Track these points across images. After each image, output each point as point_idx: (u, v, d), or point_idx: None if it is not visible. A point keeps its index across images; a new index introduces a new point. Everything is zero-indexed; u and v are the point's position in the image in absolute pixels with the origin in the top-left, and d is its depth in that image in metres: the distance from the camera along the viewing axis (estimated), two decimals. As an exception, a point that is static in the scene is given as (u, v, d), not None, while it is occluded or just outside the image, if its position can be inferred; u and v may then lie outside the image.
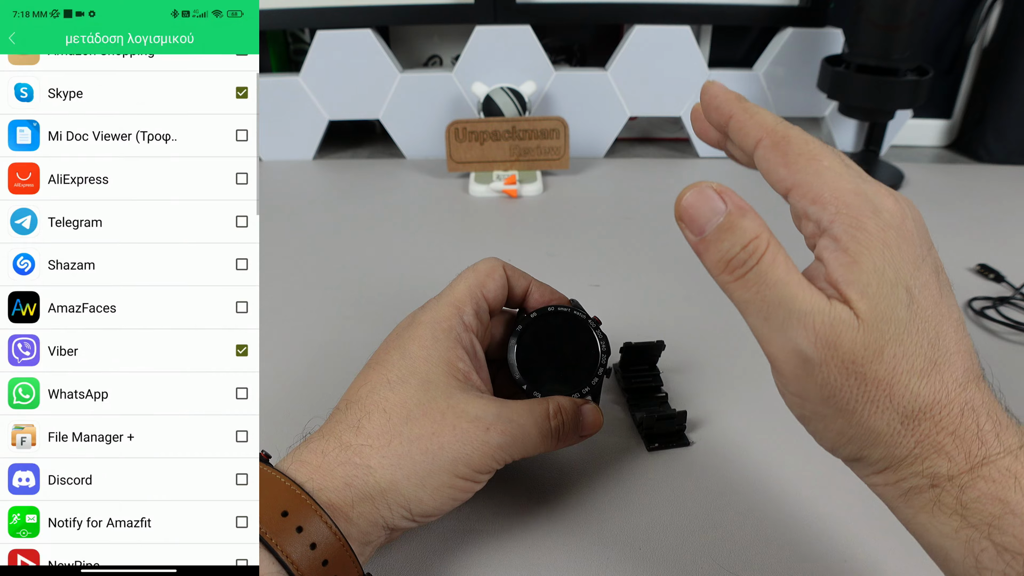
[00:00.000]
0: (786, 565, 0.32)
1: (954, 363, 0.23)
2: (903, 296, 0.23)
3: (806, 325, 0.23)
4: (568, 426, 0.33)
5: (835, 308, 0.23)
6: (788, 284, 0.23)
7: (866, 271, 0.23)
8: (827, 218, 0.23)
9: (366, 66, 0.77)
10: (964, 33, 0.78)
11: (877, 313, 0.22)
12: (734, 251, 0.24)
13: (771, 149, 0.25)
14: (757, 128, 0.26)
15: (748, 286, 0.24)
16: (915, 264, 0.23)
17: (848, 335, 0.22)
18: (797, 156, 0.24)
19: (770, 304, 0.24)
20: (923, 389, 0.23)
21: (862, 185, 0.24)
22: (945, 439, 0.23)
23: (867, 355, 0.22)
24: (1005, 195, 0.72)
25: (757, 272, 0.24)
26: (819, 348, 0.23)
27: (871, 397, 0.23)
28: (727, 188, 0.25)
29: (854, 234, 0.23)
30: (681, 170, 0.79)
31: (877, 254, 0.23)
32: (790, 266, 0.24)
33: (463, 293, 0.34)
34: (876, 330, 0.22)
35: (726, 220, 0.24)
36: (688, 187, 0.25)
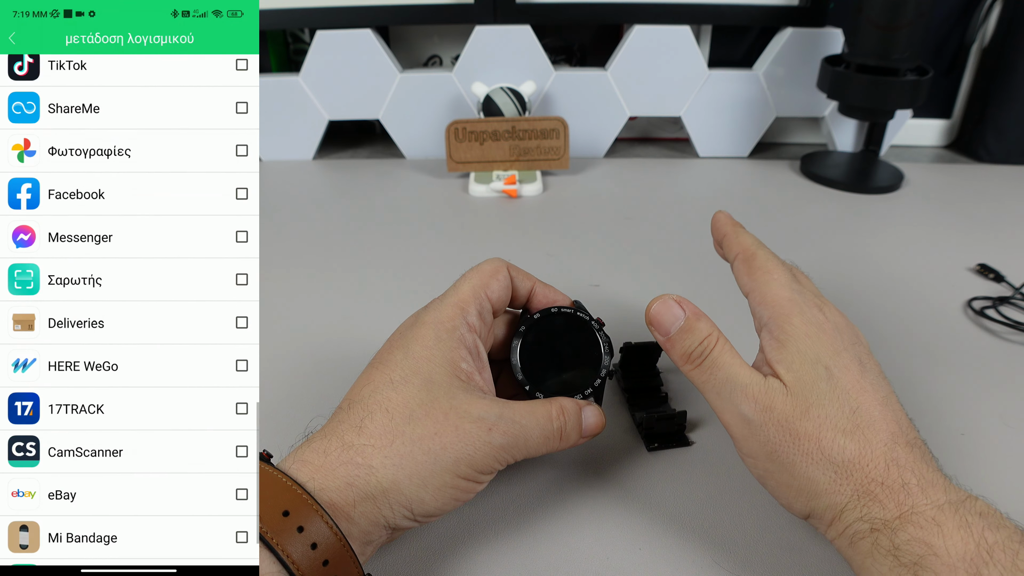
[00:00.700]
0: (786, 565, 0.32)
1: (878, 429, 0.28)
2: (822, 372, 0.29)
3: (747, 394, 0.29)
4: (570, 427, 0.33)
5: (769, 381, 0.30)
6: (732, 366, 0.30)
7: (790, 352, 0.30)
8: (767, 315, 0.31)
9: (366, 66, 0.77)
10: (964, 33, 0.78)
11: (800, 382, 0.29)
12: (692, 346, 0.31)
13: (741, 262, 0.34)
14: (736, 246, 0.34)
15: (703, 371, 0.31)
16: (835, 351, 0.30)
17: (779, 399, 0.29)
18: (756, 269, 0.33)
19: (720, 382, 0.30)
20: (848, 444, 0.28)
21: (796, 296, 0.32)
22: (876, 488, 0.27)
23: (795, 414, 0.29)
24: (1005, 195, 0.72)
25: (710, 360, 0.31)
26: (758, 411, 0.29)
27: (804, 450, 0.28)
28: (684, 298, 0.33)
29: (783, 326, 0.31)
30: (681, 170, 0.79)
31: (800, 340, 0.30)
32: (734, 354, 0.31)
33: (467, 293, 0.34)
34: (801, 395, 0.29)
35: (685, 323, 0.32)
36: (655, 299, 0.33)
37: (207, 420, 0.25)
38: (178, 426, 0.25)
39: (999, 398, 0.43)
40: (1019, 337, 0.49)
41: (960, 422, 0.41)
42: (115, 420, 0.25)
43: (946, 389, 0.44)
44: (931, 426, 0.40)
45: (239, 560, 0.25)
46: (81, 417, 0.25)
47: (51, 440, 0.25)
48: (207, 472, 0.25)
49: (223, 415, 0.25)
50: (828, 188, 0.73)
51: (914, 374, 0.45)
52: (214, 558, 0.25)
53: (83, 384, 0.25)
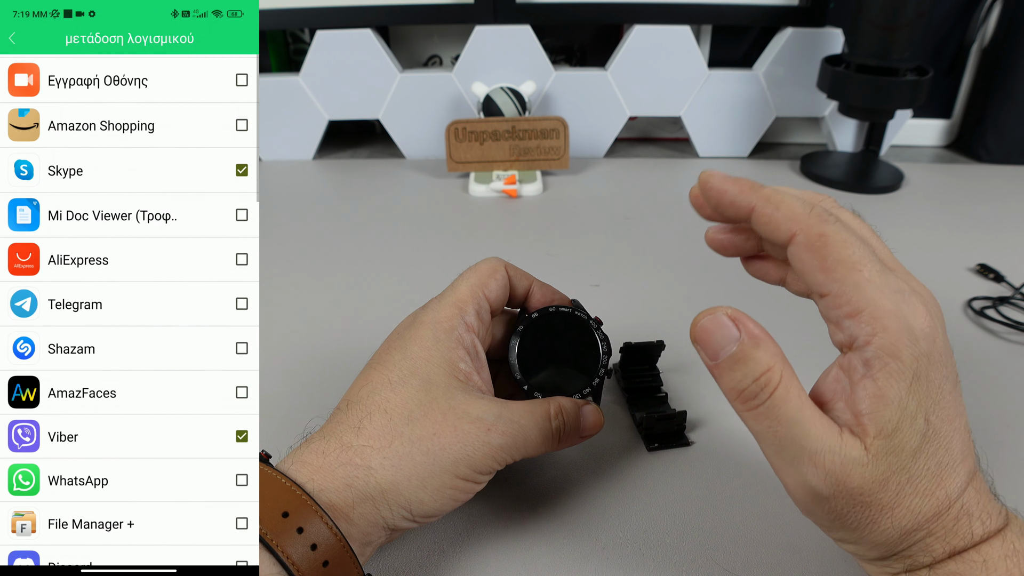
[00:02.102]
0: (786, 565, 0.32)
1: (958, 473, 0.24)
2: (920, 426, 0.23)
3: (817, 463, 0.24)
4: (569, 427, 0.33)
5: (846, 446, 0.24)
6: (800, 422, 0.24)
7: (890, 406, 0.23)
8: (863, 337, 0.23)
9: (366, 66, 0.77)
10: (964, 33, 0.78)
11: (889, 447, 0.23)
12: (746, 383, 0.24)
13: (807, 249, 0.24)
14: (789, 222, 0.24)
15: (760, 419, 0.25)
16: (940, 387, 0.24)
17: (857, 472, 0.23)
18: (836, 263, 0.24)
19: (782, 439, 0.24)
20: (924, 506, 0.24)
21: (901, 304, 0.23)
22: (935, 543, 0.24)
23: (873, 487, 0.23)
24: (1005, 195, 0.72)
25: (769, 406, 0.24)
26: (829, 484, 0.24)
27: (873, 519, 0.24)
28: (742, 314, 0.25)
29: (887, 363, 0.23)
30: (681, 170, 0.79)
31: (905, 387, 0.23)
32: (803, 400, 0.24)
33: (465, 293, 0.33)
34: (884, 463, 0.23)
35: (739, 350, 0.24)
36: (705, 311, 0.25)
37: (207, 405, 0.25)
38: (178, 411, 0.25)
39: (999, 398, 0.43)
40: (1019, 337, 0.49)
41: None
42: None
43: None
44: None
45: (239, 544, 0.25)
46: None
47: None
48: (207, 457, 0.25)
49: (223, 399, 0.25)
50: (828, 188, 0.73)
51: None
52: (214, 544, 0.25)
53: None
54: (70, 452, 0.25)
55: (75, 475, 0.25)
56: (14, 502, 0.25)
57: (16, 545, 0.25)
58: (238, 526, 0.25)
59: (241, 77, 0.26)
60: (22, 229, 0.25)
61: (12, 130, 0.25)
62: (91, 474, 0.25)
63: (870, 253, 0.24)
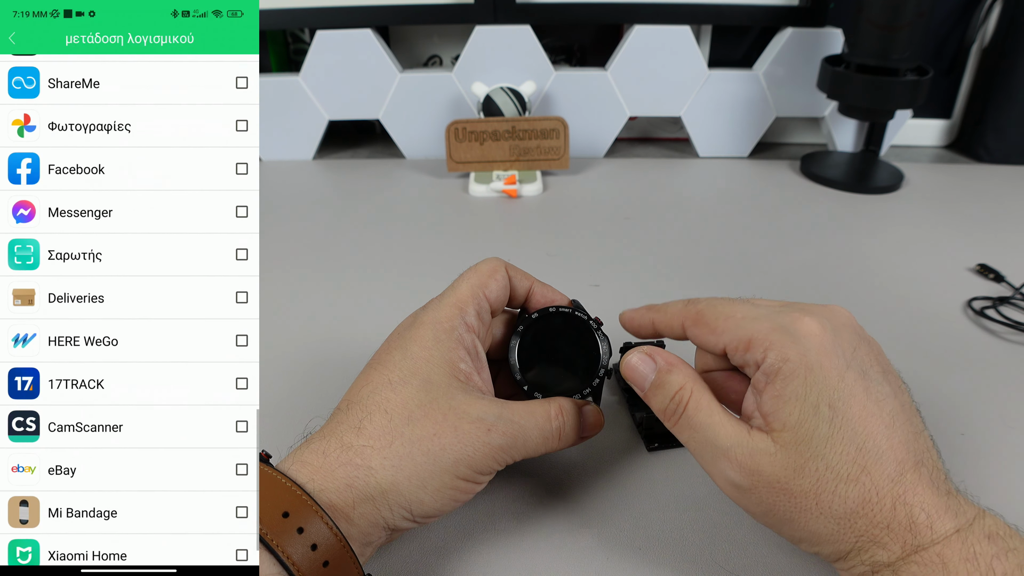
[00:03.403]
0: (786, 565, 0.32)
1: (884, 460, 0.26)
2: (825, 413, 0.26)
3: (730, 458, 0.27)
4: (569, 427, 0.33)
5: (754, 439, 0.27)
6: (711, 425, 0.28)
7: (789, 400, 0.26)
8: (759, 357, 0.28)
9: (366, 66, 0.77)
10: (964, 33, 0.78)
11: (797, 437, 0.26)
12: (665, 402, 0.29)
13: (694, 326, 0.31)
14: (674, 318, 0.32)
15: (682, 430, 0.29)
16: (839, 375, 0.27)
17: (767, 461, 0.26)
18: (715, 321, 0.30)
19: (700, 444, 0.28)
20: (850, 491, 0.26)
21: (778, 319, 0.28)
22: (880, 532, 0.25)
23: (788, 474, 0.26)
24: (1005, 195, 0.72)
25: (685, 418, 0.29)
26: (745, 475, 0.27)
27: (801, 507, 0.26)
28: (657, 349, 0.31)
29: (779, 367, 0.27)
30: (681, 170, 0.79)
31: (800, 382, 0.26)
32: (712, 408, 0.28)
33: (465, 293, 0.33)
34: (795, 452, 0.26)
35: (656, 378, 0.30)
36: (630, 351, 0.31)
37: (207, 394, 0.25)
38: (178, 400, 0.25)
39: (999, 398, 0.43)
40: (1019, 337, 0.49)
41: (960, 422, 0.41)
42: (114, 395, 0.25)
43: (946, 389, 0.44)
44: (931, 426, 0.40)
45: (238, 533, 0.25)
46: (82, 392, 0.25)
47: (51, 415, 0.25)
48: (207, 447, 0.25)
49: (224, 390, 0.25)
50: (828, 188, 0.73)
51: (914, 374, 0.45)
52: (214, 532, 0.25)
53: (84, 359, 0.25)
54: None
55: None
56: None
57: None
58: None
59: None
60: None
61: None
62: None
63: (739, 302, 0.30)
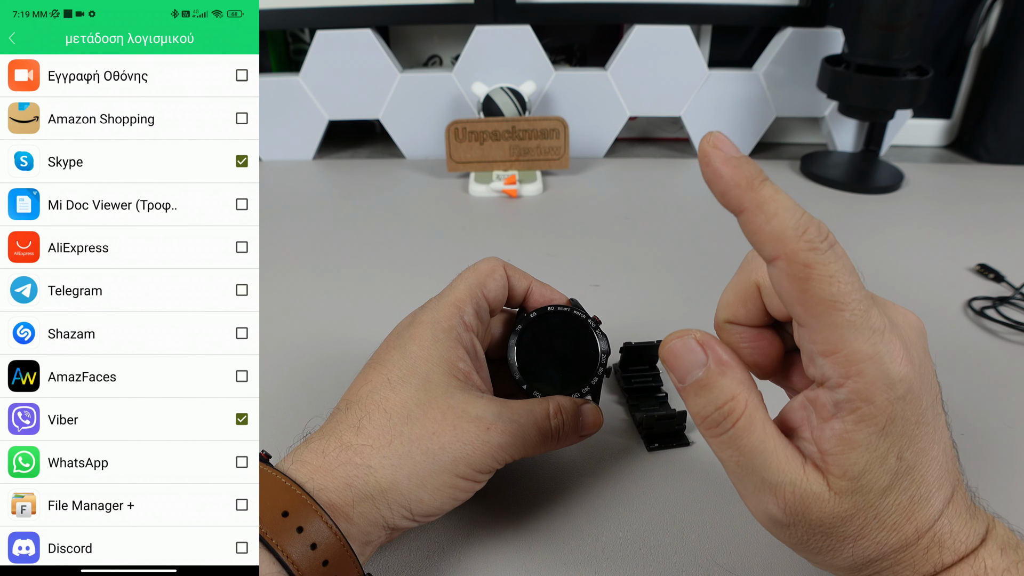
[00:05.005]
0: (786, 565, 0.32)
1: (931, 503, 0.23)
2: (892, 464, 0.23)
3: (777, 495, 0.23)
4: (568, 426, 0.33)
5: (808, 480, 0.23)
6: (763, 453, 0.24)
7: (857, 449, 0.22)
8: (836, 379, 0.22)
9: (366, 66, 0.77)
10: (964, 33, 0.78)
11: (856, 488, 0.23)
12: (709, 410, 0.24)
13: (789, 278, 0.22)
14: (774, 243, 0.22)
15: (723, 447, 0.25)
16: (916, 424, 0.23)
17: (817, 506, 0.23)
18: (817, 300, 0.22)
19: (744, 469, 0.24)
20: (891, 539, 0.23)
21: (879, 346, 0.22)
22: (903, 569, 0.24)
23: (835, 521, 0.23)
24: (1005, 195, 0.72)
25: (732, 435, 0.24)
26: (788, 514, 0.24)
27: (834, 548, 0.24)
28: (712, 339, 0.25)
29: (859, 407, 0.22)
30: (681, 170, 0.79)
31: (876, 431, 0.22)
32: (767, 430, 0.24)
33: (464, 293, 0.33)
34: (849, 501, 0.23)
35: (705, 376, 0.24)
36: (675, 333, 0.25)
37: (207, 387, 0.26)
38: (179, 393, 0.25)
39: (999, 398, 0.43)
40: (1019, 337, 0.49)
41: (960, 422, 0.41)
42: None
43: (946, 389, 0.43)
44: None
45: (238, 526, 0.25)
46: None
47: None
48: (207, 440, 0.25)
49: (224, 383, 0.26)
50: (828, 188, 0.73)
51: (914, 374, 0.45)
52: (215, 525, 0.25)
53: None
54: (70, 435, 0.25)
55: (75, 457, 0.25)
56: (14, 483, 0.25)
57: (16, 526, 0.25)
58: (238, 507, 0.25)
59: (241, 72, 0.26)
60: (22, 218, 0.25)
61: (12, 123, 0.25)
62: (91, 456, 0.25)
63: (856, 288, 0.22)
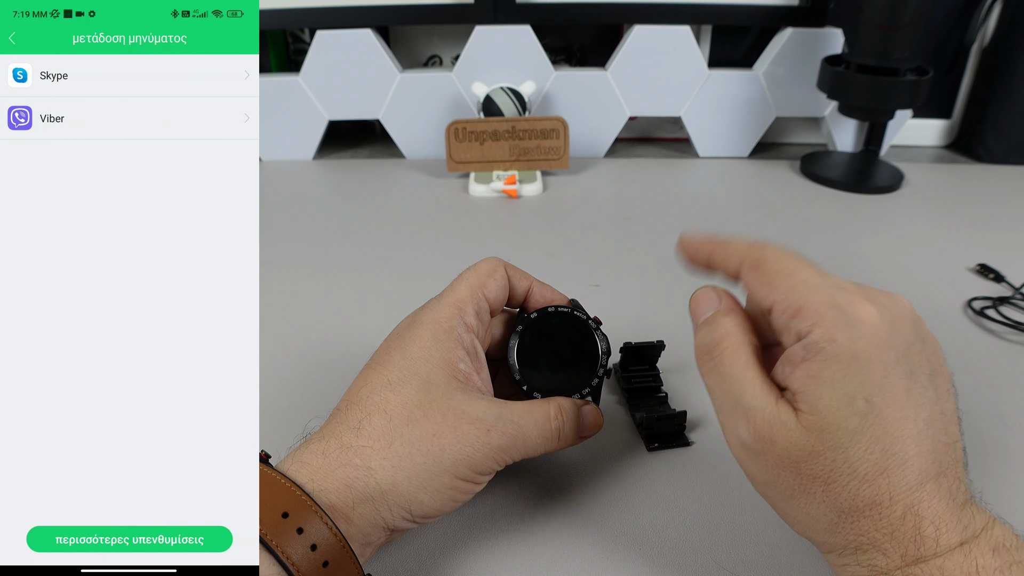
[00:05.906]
0: (785, 565, 0.32)
1: (908, 467, 0.24)
2: (860, 406, 0.24)
3: (748, 419, 0.26)
4: (569, 427, 0.33)
5: (779, 409, 0.25)
6: (741, 380, 0.26)
7: (824, 383, 0.24)
8: (804, 329, 0.25)
9: (366, 66, 0.77)
10: (964, 33, 0.78)
11: (822, 423, 0.24)
12: (707, 341, 0.28)
13: (751, 271, 0.28)
14: (733, 256, 0.29)
15: (710, 374, 0.28)
16: (884, 371, 0.25)
17: (783, 435, 0.25)
18: (774, 274, 0.27)
19: (724, 394, 0.27)
20: (863, 491, 0.24)
21: (837, 296, 0.25)
22: (883, 537, 0.24)
23: (801, 455, 0.25)
24: (1005, 195, 0.72)
25: (718, 362, 0.27)
26: (757, 440, 0.26)
27: (806, 489, 0.25)
28: (729, 293, 0.29)
29: (823, 347, 0.25)
30: (681, 170, 0.79)
31: (841, 367, 0.24)
32: (750, 364, 0.27)
33: (464, 293, 0.33)
34: (816, 437, 0.24)
35: (712, 315, 0.29)
36: (705, 286, 0.30)
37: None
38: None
39: (999, 398, 0.43)
40: (1019, 337, 0.49)
41: (960, 422, 0.41)
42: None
43: (946, 389, 0.44)
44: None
45: (239, 526, 0.25)
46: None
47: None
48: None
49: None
50: (828, 188, 0.73)
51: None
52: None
53: None
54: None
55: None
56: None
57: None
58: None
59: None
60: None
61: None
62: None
63: (806, 264, 0.27)
